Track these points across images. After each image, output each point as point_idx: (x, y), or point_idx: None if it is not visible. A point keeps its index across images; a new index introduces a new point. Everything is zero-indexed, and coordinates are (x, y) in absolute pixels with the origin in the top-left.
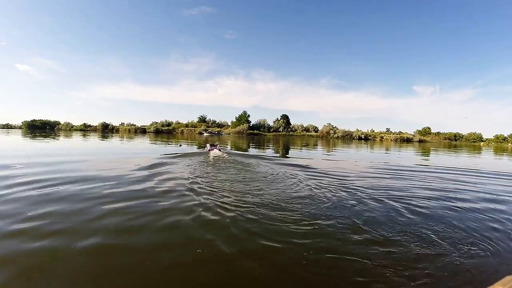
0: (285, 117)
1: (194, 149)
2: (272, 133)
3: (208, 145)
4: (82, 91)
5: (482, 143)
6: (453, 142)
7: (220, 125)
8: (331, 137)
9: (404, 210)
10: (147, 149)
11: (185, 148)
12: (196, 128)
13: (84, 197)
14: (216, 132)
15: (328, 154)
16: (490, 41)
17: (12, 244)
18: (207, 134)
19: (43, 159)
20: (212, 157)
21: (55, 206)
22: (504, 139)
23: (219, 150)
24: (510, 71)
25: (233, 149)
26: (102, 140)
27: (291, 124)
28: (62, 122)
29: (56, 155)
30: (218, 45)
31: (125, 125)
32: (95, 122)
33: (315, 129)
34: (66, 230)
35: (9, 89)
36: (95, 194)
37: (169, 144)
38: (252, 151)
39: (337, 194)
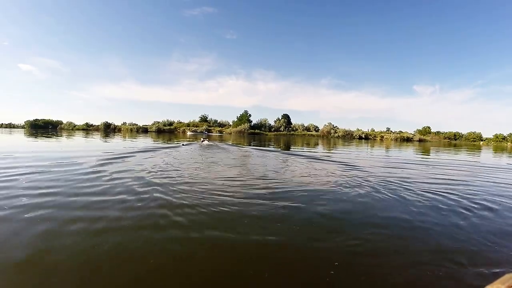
0: (286, 117)
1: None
2: (273, 133)
3: (202, 138)
4: (84, 91)
5: (481, 142)
6: (453, 141)
7: (222, 125)
8: (331, 137)
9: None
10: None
11: (186, 143)
12: (197, 128)
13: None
14: (200, 131)
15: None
16: (490, 41)
17: None
18: (191, 133)
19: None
20: (205, 144)
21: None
22: (504, 138)
23: (208, 141)
24: (509, 71)
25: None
26: (112, 141)
27: (292, 124)
28: (64, 122)
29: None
30: (219, 45)
31: (127, 124)
32: (97, 121)
33: (316, 129)
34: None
35: (12, 88)
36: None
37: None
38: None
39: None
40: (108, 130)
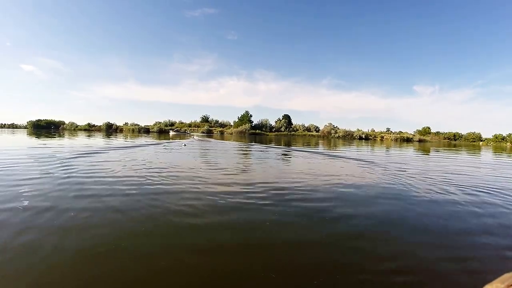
0: (286, 117)
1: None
2: (274, 133)
3: (193, 135)
4: (85, 91)
5: (481, 143)
6: (453, 141)
7: (223, 125)
8: (332, 137)
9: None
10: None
11: (185, 141)
12: (199, 128)
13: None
14: (182, 131)
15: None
16: (490, 42)
17: None
18: (174, 133)
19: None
20: (196, 139)
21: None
22: (503, 138)
23: (197, 137)
24: (509, 71)
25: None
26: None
27: (292, 124)
28: (66, 122)
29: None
30: (220, 46)
31: (128, 125)
32: (98, 122)
33: (316, 129)
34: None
35: (14, 89)
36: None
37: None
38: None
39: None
40: (110, 130)
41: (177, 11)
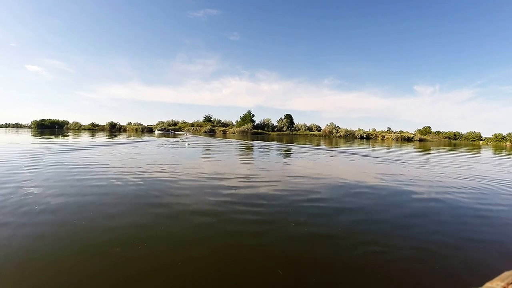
0: (288, 117)
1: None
2: (276, 132)
3: (185, 133)
4: (90, 91)
5: (481, 142)
6: (453, 141)
7: (225, 125)
8: (333, 136)
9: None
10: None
11: (186, 140)
12: (201, 128)
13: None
14: (167, 130)
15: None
16: (489, 42)
17: None
18: (160, 132)
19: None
20: (186, 135)
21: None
22: (503, 138)
23: (187, 134)
24: (508, 72)
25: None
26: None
27: (294, 124)
28: (70, 122)
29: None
30: (223, 46)
31: (132, 124)
32: (102, 121)
33: (318, 129)
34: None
35: (19, 89)
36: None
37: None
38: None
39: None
40: (114, 130)
41: (181, 12)
